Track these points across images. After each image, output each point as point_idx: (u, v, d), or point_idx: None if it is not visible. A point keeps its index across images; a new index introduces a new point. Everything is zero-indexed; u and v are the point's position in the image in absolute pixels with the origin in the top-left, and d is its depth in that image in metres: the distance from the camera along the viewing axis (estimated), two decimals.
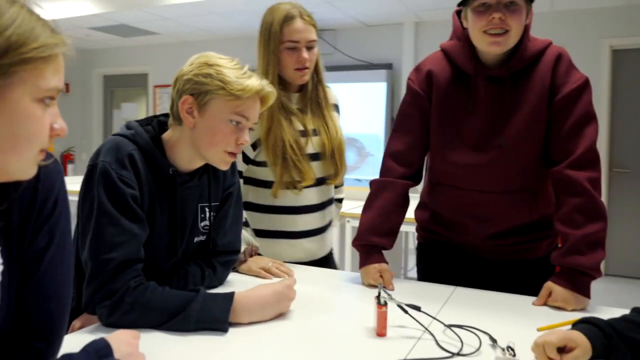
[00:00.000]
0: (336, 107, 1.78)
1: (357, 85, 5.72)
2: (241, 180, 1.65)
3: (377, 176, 1.55)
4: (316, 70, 1.67)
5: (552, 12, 4.95)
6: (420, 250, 1.68)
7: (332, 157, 1.66)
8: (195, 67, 1.19)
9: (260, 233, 1.68)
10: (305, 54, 1.57)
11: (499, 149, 1.40)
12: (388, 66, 5.66)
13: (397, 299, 1.10)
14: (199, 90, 1.17)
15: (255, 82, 1.18)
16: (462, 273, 1.53)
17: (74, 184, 2.21)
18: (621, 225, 4.84)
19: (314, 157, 1.65)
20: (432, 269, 1.63)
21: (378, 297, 1.08)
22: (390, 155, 1.52)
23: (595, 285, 1.27)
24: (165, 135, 1.25)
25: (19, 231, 0.74)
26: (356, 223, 2.77)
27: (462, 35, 1.44)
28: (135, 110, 7.63)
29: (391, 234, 1.48)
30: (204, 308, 1.09)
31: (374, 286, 1.40)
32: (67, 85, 7.57)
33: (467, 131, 1.43)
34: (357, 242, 1.50)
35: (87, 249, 1.12)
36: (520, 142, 1.39)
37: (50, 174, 0.78)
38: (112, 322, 1.08)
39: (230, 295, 1.12)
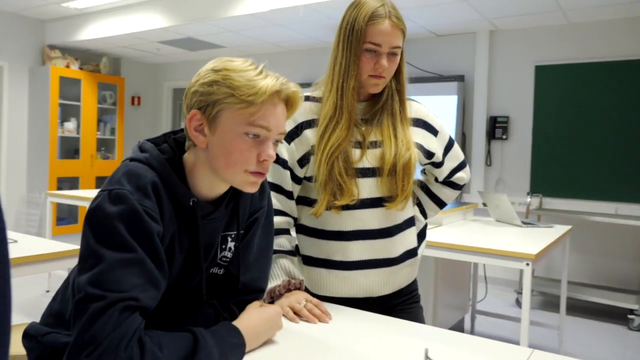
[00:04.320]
0: (423, 124, 1.47)
1: (427, 99, 5.36)
2: (292, 202, 1.42)
3: None
4: (397, 79, 1.40)
5: None
6: None
7: (393, 175, 1.36)
8: (201, 76, 0.98)
9: (308, 260, 1.43)
10: (384, 61, 1.32)
11: None
12: (460, 78, 5.30)
13: None
14: (206, 101, 0.96)
15: (270, 81, 0.95)
16: None
17: None
18: None
19: (368, 172, 1.36)
20: None
21: None
22: None
23: None
24: (185, 157, 1.04)
25: None
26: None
27: None
28: None
29: None
30: (219, 341, 0.96)
31: None
32: (138, 98, 7.76)
33: None
34: None
35: (86, 276, 0.87)
36: None
37: None
38: None
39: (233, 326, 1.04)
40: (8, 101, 6.34)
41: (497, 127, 5.14)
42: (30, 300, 4.06)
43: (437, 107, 5.36)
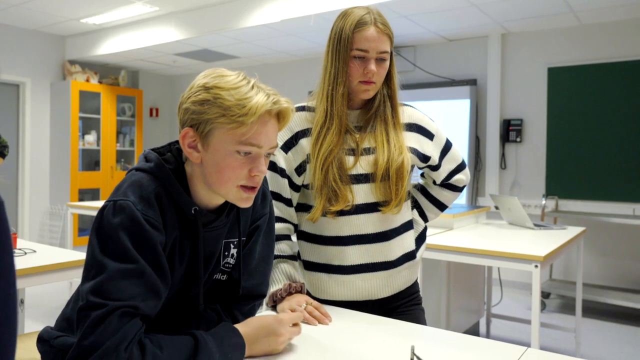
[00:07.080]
0: (417, 128, 1.50)
1: (439, 103, 5.40)
2: (292, 209, 1.46)
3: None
4: (388, 85, 1.44)
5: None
6: None
7: (386, 179, 1.39)
8: (193, 92, 1.00)
9: (308, 265, 1.48)
10: (372, 66, 1.36)
11: None
12: (472, 82, 5.30)
13: None
14: (198, 120, 0.99)
15: (261, 99, 0.98)
16: None
17: None
18: None
19: (362, 178, 1.40)
20: None
21: None
22: None
23: None
24: (185, 167, 1.08)
25: None
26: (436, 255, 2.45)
27: None
28: None
29: None
30: (219, 341, 1.00)
31: None
32: (156, 109, 7.91)
33: None
34: None
35: (88, 285, 0.91)
36: None
37: None
38: None
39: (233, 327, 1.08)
40: (31, 116, 6.53)
41: (510, 130, 5.12)
42: (53, 309, 4.17)
43: (450, 111, 5.37)
